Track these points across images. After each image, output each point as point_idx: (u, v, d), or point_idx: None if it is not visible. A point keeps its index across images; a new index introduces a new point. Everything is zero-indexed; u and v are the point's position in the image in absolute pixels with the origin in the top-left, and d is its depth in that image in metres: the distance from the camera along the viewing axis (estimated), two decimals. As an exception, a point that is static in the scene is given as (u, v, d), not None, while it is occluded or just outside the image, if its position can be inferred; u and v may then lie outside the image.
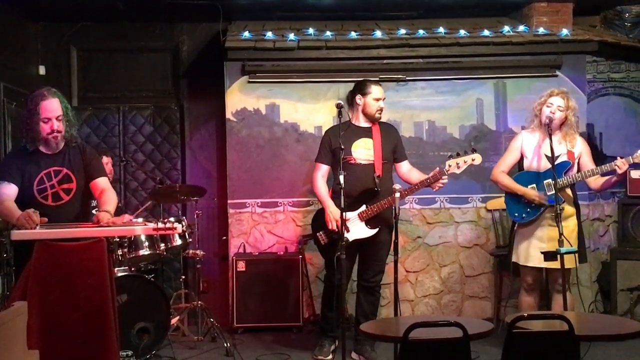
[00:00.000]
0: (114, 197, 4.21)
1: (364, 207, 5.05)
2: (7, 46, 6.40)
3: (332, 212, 5.03)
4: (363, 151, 5.14)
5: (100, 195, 4.19)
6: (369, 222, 5.06)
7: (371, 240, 5.11)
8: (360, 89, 5.21)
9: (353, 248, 5.04)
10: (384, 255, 5.25)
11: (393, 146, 5.24)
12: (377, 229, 5.07)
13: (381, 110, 5.20)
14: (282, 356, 5.41)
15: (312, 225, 5.35)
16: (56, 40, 7.00)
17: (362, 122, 5.22)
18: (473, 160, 4.95)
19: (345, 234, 4.98)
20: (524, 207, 4.95)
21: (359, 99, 5.18)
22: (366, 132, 5.17)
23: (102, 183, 4.26)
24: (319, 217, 5.23)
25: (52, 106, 4.08)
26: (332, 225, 5.02)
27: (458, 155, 4.97)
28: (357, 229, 5.04)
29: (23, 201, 4.01)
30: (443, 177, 4.96)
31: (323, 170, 5.26)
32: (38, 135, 4.09)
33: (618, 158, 4.76)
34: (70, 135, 4.18)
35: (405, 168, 5.31)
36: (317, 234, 5.22)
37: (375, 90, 5.16)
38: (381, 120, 5.28)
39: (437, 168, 5.00)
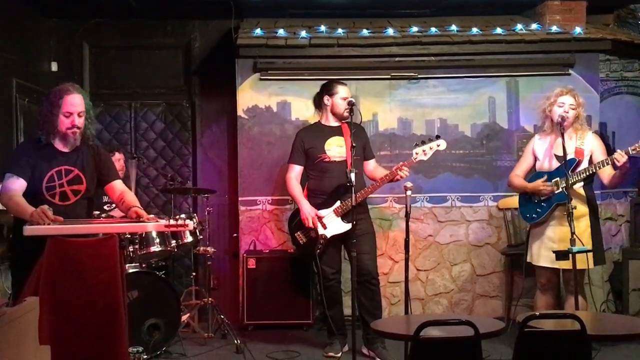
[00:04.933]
0: (134, 196, 4.29)
1: (338, 203, 5.18)
2: (19, 42, 6.42)
3: (307, 210, 5.20)
4: (336, 149, 5.29)
5: (122, 197, 4.20)
6: (345, 216, 5.13)
7: (351, 234, 5.09)
8: (327, 90, 5.35)
9: (335, 244, 5.24)
10: (370, 247, 5.28)
11: (363, 143, 5.35)
12: (354, 222, 5.10)
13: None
14: (292, 353, 5.41)
15: (289, 226, 5.47)
16: (69, 37, 7.02)
17: (332, 122, 5.36)
18: (438, 146, 5.08)
19: (323, 231, 5.18)
20: (534, 207, 4.94)
21: (326, 99, 5.32)
22: (337, 131, 5.31)
23: (120, 185, 4.29)
24: (295, 218, 5.35)
25: (76, 101, 4.05)
26: (309, 222, 5.16)
27: (423, 142, 5.10)
28: (334, 225, 5.18)
29: (29, 196, 3.94)
30: (404, 168, 5.02)
31: (296, 171, 5.38)
32: (56, 128, 4.04)
33: (617, 151, 4.71)
34: (89, 133, 4.16)
35: (372, 166, 5.44)
36: (295, 234, 5.36)
37: (341, 90, 5.30)
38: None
39: (401, 162, 5.09)
